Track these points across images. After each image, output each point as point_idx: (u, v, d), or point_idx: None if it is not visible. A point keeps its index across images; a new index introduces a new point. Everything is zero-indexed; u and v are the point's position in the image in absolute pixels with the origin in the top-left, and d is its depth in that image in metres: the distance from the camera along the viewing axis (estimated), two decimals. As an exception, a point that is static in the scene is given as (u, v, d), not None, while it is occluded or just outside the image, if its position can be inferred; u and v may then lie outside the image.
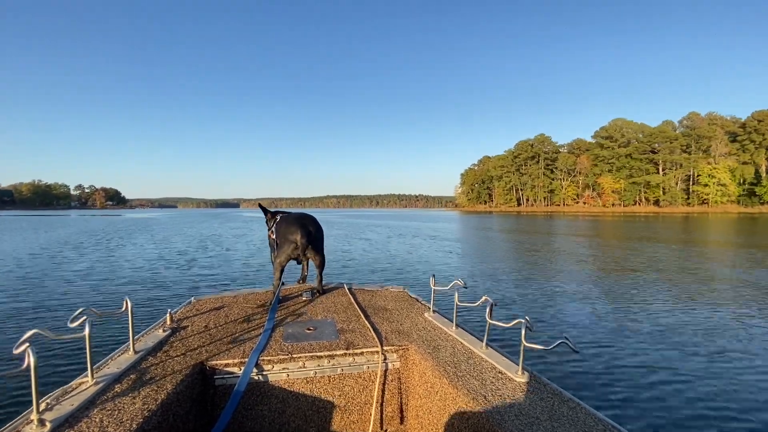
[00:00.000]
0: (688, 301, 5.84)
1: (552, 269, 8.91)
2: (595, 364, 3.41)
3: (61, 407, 1.10)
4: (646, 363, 3.47)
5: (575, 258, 10.84)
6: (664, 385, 3.03)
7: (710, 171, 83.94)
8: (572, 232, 21.66)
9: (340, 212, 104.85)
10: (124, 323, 1.45)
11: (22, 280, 7.38)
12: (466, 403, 1.24)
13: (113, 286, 6.80)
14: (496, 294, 6.24)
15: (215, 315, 2.09)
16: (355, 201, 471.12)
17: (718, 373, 3.26)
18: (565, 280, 7.57)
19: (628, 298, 5.98)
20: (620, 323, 4.65)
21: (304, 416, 1.61)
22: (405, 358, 1.74)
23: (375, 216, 55.01)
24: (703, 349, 3.80)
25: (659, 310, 5.26)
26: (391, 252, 12.01)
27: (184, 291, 6.39)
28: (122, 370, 1.36)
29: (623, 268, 8.90)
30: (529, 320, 1.27)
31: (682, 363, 3.47)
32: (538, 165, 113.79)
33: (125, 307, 1.47)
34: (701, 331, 4.36)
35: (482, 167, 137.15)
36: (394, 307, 2.31)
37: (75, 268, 8.80)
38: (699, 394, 2.88)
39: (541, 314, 5.06)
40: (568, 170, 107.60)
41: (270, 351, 1.61)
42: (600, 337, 4.16)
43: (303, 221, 2.38)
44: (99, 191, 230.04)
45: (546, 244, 15.22)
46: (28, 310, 5.14)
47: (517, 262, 10.01)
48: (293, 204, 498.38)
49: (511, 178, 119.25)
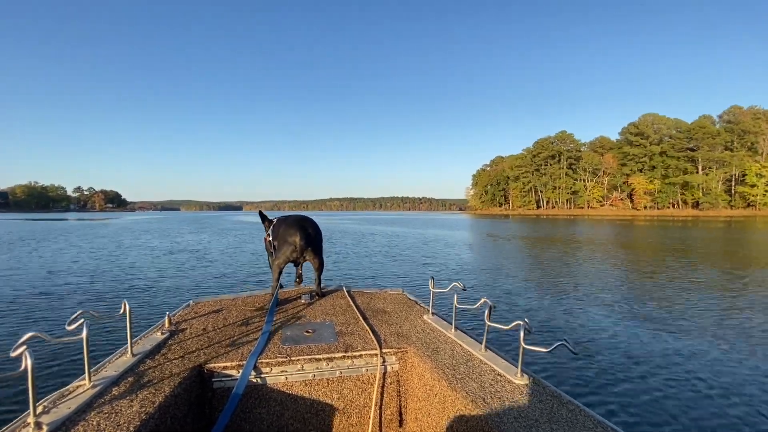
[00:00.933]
0: (691, 303, 5.73)
1: (557, 274, 8.58)
2: (595, 367, 3.37)
3: (58, 410, 1.10)
4: (645, 365, 3.42)
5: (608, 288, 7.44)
6: (663, 388, 3.00)
7: (758, 170, 75.83)
8: (606, 240, 18.34)
9: (342, 215, 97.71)
10: (122, 326, 1.47)
11: (18, 282, 7.35)
12: (465, 405, 1.23)
13: (112, 288, 6.78)
14: (494, 296, 6.12)
15: (214, 318, 2.08)
16: (358, 204, 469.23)
17: (719, 376, 3.20)
18: (566, 282, 7.42)
19: (628, 300, 5.94)
20: (619, 325, 4.60)
21: (302, 419, 1.60)
22: (404, 361, 1.72)
23: (381, 221, 47.39)
24: (705, 352, 3.73)
25: (660, 312, 5.18)
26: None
27: (184, 293, 6.37)
28: (120, 373, 1.37)
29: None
30: (528, 322, 1.25)
31: (683, 366, 3.42)
32: (559, 164, 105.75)
33: (123, 309, 1.47)
34: (703, 334, 4.28)
35: (496, 168, 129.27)
36: (393, 309, 2.29)
37: (73, 270, 8.84)
38: (699, 398, 2.85)
39: (540, 316, 4.98)
40: (593, 170, 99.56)
41: (268, 354, 1.61)
42: (599, 339, 4.11)
43: (302, 223, 2.36)
44: (98, 194, 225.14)
45: (578, 257, 11.71)
46: (25, 313, 5.13)
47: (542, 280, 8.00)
48: (296, 207, 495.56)
49: (530, 179, 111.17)
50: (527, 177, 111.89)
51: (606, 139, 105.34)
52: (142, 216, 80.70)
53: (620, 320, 4.83)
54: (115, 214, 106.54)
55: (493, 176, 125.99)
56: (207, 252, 12.88)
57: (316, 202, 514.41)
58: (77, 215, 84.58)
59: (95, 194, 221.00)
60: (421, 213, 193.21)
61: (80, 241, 16.56)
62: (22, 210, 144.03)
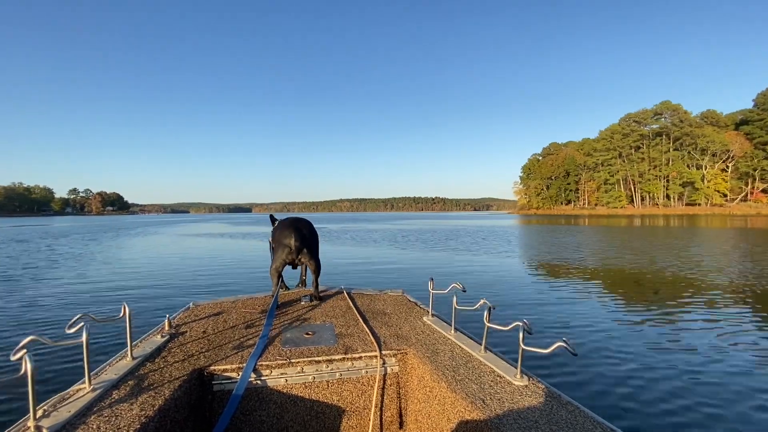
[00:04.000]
0: (694, 304, 5.61)
1: (554, 272, 8.45)
2: (594, 367, 3.34)
3: (58, 414, 1.10)
4: (646, 366, 3.38)
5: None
6: (664, 389, 2.97)
7: None
8: None
9: (352, 217, 78.46)
10: (122, 329, 1.47)
11: (19, 285, 7.36)
12: (464, 407, 1.23)
13: (112, 291, 6.71)
14: (494, 297, 5.98)
15: (214, 320, 2.08)
16: (369, 204, 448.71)
17: (722, 377, 3.17)
18: (565, 283, 7.29)
19: (629, 301, 5.84)
20: (620, 326, 4.54)
21: (302, 422, 1.60)
22: (404, 363, 1.72)
23: (404, 232, 25.56)
24: (707, 353, 3.68)
25: (661, 313, 5.11)
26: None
27: (183, 296, 6.26)
28: (120, 377, 1.36)
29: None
30: (527, 323, 1.25)
31: (684, 366, 3.39)
32: (665, 144, 77.83)
33: (123, 312, 1.47)
34: (706, 335, 4.20)
35: (555, 157, 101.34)
36: (392, 311, 2.28)
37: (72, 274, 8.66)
38: (700, 399, 2.82)
39: (539, 317, 4.93)
40: (714, 153, 71.59)
41: (268, 356, 1.61)
42: (599, 340, 4.05)
43: (296, 225, 2.38)
44: (95, 196, 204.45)
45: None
46: (25, 316, 5.12)
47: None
48: (305, 208, 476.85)
49: (618, 167, 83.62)
50: (614, 164, 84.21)
51: (714, 113, 77.06)
52: (129, 219, 71.36)
53: (620, 322, 4.71)
54: (109, 218, 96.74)
55: (556, 166, 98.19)
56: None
57: (326, 203, 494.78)
58: (66, 218, 78.21)
59: (92, 196, 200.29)
60: (440, 214, 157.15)
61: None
62: (6, 214, 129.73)
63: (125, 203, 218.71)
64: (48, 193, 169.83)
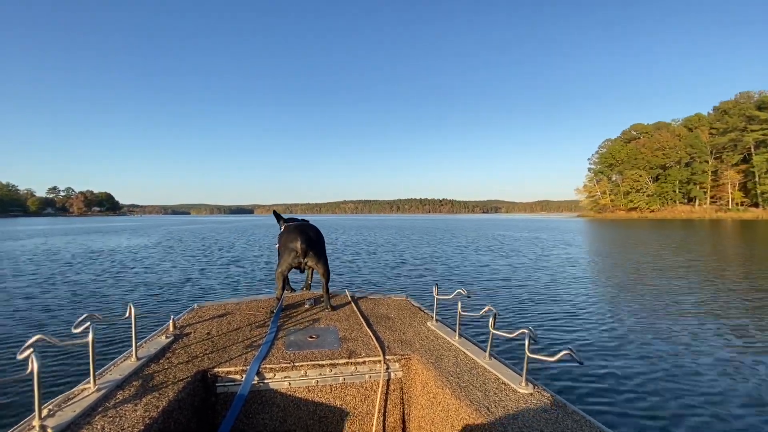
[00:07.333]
0: (702, 312, 5.39)
1: (562, 279, 8.11)
2: (601, 376, 3.26)
3: (63, 413, 1.10)
4: (652, 375, 3.29)
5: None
6: (671, 399, 2.89)
7: None
8: None
9: (365, 223, 53.63)
10: (127, 329, 1.44)
11: (27, 284, 7.23)
12: (468, 414, 1.21)
13: (118, 291, 6.57)
14: (499, 304, 5.81)
15: (218, 322, 2.08)
16: (374, 206, 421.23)
17: (730, 386, 3.08)
18: (573, 290, 7.02)
19: (637, 309, 5.61)
20: (627, 335, 4.37)
21: (305, 425, 1.59)
22: (407, 368, 1.70)
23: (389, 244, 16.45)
24: (716, 362, 3.56)
25: (668, 322, 4.91)
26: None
27: (188, 297, 6.16)
28: (124, 377, 1.37)
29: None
30: (533, 330, 1.23)
31: (691, 376, 3.28)
32: None
33: (129, 313, 1.48)
34: (714, 344, 4.05)
35: (653, 139, 71.86)
36: (396, 315, 2.27)
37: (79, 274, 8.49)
38: (709, 408, 2.75)
39: (545, 325, 4.73)
40: None
41: (272, 359, 1.60)
42: (605, 348, 3.93)
43: (302, 228, 2.40)
44: (78, 195, 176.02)
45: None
46: (31, 315, 5.04)
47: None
48: (308, 210, 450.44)
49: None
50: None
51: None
52: (121, 222, 58.77)
53: (627, 330, 4.53)
54: (97, 219, 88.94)
55: (668, 149, 68.05)
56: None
57: (329, 204, 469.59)
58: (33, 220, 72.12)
59: (74, 196, 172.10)
60: (478, 217, 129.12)
61: None
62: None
63: (115, 203, 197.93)
64: (10, 191, 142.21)
